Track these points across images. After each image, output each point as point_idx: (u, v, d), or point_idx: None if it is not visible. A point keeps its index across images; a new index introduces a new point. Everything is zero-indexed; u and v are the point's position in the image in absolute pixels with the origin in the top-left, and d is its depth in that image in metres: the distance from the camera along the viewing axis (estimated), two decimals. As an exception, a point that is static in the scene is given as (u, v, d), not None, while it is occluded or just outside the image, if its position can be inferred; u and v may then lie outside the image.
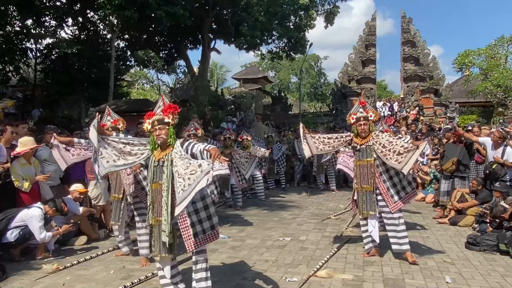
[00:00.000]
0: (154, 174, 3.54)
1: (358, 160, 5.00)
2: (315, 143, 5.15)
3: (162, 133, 3.48)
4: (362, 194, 4.98)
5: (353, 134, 5.09)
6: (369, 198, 4.92)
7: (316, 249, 5.53)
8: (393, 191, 4.85)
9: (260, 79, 32.27)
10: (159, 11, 13.71)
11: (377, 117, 5.18)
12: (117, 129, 4.98)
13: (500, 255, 5.11)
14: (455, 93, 25.18)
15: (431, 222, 7.23)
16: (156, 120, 3.51)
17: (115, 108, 14.22)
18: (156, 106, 3.65)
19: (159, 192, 3.49)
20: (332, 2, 20.65)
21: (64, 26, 17.47)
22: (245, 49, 20.23)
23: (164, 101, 3.62)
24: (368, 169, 4.90)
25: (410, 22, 25.62)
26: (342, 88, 25.39)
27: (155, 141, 3.53)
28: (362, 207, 4.98)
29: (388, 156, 4.65)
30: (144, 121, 3.60)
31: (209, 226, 3.51)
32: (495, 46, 21.90)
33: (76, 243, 5.69)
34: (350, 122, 5.14)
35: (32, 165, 5.50)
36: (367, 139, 4.92)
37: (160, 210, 3.46)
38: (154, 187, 3.55)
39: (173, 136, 3.53)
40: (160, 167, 3.49)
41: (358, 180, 5.01)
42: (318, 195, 10.46)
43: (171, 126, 3.53)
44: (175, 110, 3.55)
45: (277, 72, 48.16)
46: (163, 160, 3.47)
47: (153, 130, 3.52)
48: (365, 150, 4.92)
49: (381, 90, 46.42)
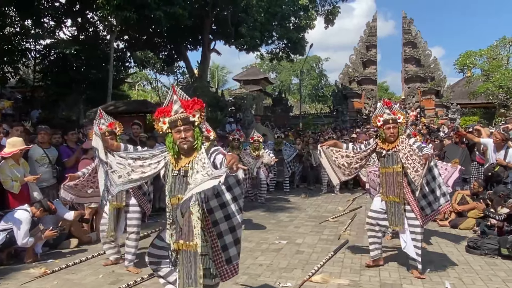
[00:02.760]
0: (174, 186, 2.88)
1: (384, 167, 4.50)
2: (339, 167, 4.65)
3: (189, 135, 2.82)
4: (390, 205, 4.47)
5: (380, 139, 4.57)
6: (397, 210, 4.41)
7: (312, 252, 5.38)
8: (424, 202, 4.38)
9: (261, 81, 32.22)
10: (158, 11, 13.62)
11: (405, 119, 4.64)
12: (114, 133, 4.58)
13: (501, 259, 4.97)
14: (456, 94, 25.04)
15: (431, 224, 7.04)
16: (180, 120, 2.82)
17: (113, 109, 14.15)
18: (167, 100, 2.94)
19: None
20: (332, 3, 20.54)
21: (63, 27, 17.41)
22: (245, 50, 20.15)
23: (177, 94, 2.88)
24: (395, 177, 4.40)
25: (411, 23, 25.53)
26: (343, 89, 25.31)
27: (178, 145, 2.86)
28: (391, 219, 4.46)
29: (409, 170, 4.21)
30: (156, 119, 2.89)
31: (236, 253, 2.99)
32: (497, 47, 21.78)
33: (67, 246, 5.56)
34: (377, 124, 4.54)
35: (21, 166, 5.38)
36: (394, 144, 4.41)
37: (188, 231, 2.79)
38: (173, 202, 2.88)
39: (200, 138, 2.90)
40: (181, 177, 2.86)
41: (384, 190, 4.50)
42: (317, 197, 10.32)
43: (197, 126, 2.89)
44: (200, 106, 2.86)
45: (278, 74, 48.10)
46: (186, 169, 2.84)
47: (175, 131, 2.84)
48: (392, 156, 4.42)
49: (382, 91, 46.26)
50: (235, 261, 3.00)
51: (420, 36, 25.23)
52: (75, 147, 6.87)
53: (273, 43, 20.95)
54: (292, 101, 35.47)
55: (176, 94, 2.89)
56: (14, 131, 6.43)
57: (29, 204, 5.05)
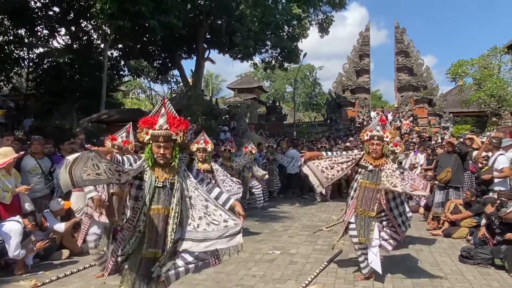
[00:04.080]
0: (156, 196, 2.97)
1: (365, 181, 4.52)
2: (322, 171, 4.65)
3: (167, 152, 2.93)
4: (360, 219, 4.50)
5: (364, 151, 4.63)
6: (367, 225, 4.47)
7: (306, 263, 5.37)
8: (400, 220, 4.59)
9: (255, 89, 32.29)
10: (153, 20, 13.64)
11: (393, 139, 4.74)
12: (122, 150, 4.56)
13: (495, 269, 4.98)
14: (449, 103, 25.24)
15: (424, 233, 7.10)
16: (162, 136, 2.89)
17: (107, 118, 14.11)
18: (154, 110, 3.01)
19: (161, 219, 2.96)
20: (325, 13, 20.73)
21: (56, 36, 17.42)
22: (239, 59, 20.24)
23: (166, 108, 2.97)
24: (374, 193, 4.46)
25: (404, 33, 25.79)
26: (336, 98, 25.43)
27: (155, 158, 2.96)
28: (360, 232, 4.49)
29: (402, 183, 4.40)
30: (140, 128, 2.94)
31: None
32: (488, 56, 21.98)
33: (58, 257, 5.49)
34: (363, 138, 4.62)
35: (13, 176, 5.32)
36: (381, 161, 4.50)
37: (159, 240, 2.96)
38: (153, 212, 2.96)
39: (178, 156, 3.01)
40: (166, 189, 2.97)
41: (360, 203, 4.51)
42: (311, 206, 10.30)
43: (177, 144, 2.98)
44: (185, 127, 2.98)
45: (272, 82, 48.22)
46: (172, 182, 2.97)
47: (155, 145, 2.93)
48: (377, 173, 4.47)
49: (376, 100, 46.53)
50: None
51: (413, 45, 25.50)
52: (68, 157, 6.82)
53: (267, 52, 21.09)
54: (286, 109, 35.57)
55: (165, 108, 2.95)
56: (5, 140, 6.38)
57: (20, 215, 4.99)
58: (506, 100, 19.85)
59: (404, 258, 4.83)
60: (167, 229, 2.95)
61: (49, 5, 16.11)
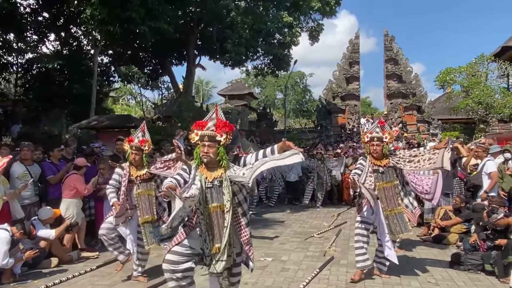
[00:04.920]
0: (211, 196, 3.16)
1: (382, 182, 4.77)
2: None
3: (211, 151, 3.15)
4: (392, 217, 4.74)
5: (366, 153, 4.93)
6: (401, 219, 4.73)
7: (298, 269, 5.36)
8: (407, 200, 4.98)
9: (246, 95, 32.36)
10: (143, 26, 13.57)
11: (392, 139, 5.00)
12: (141, 150, 4.71)
13: (485, 275, 5.01)
14: (437, 110, 25.57)
15: (415, 240, 7.13)
16: (207, 136, 3.16)
17: (97, 124, 13.98)
18: (208, 116, 3.28)
19: (220, 216, 3.15)
20: (315, 20, 20.90)
21: (46, 41, 17.25)
22: (230, 66, 20.27)
23: (217, 114, 3.25)
24: (393, 190, 4.77)
25: (393, 40, 26.10)
26: (326, 104, 25.58)
27: (200, 157, 3.20)
28: (396, 230, 4.72)
29: (420, 165, 4.64)
30: (192, 130, 3.24)
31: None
32: (476, 64, 22.34)
33: (47, 265, 5.40)
34: (364, 140, 4.94)
35: (1, 183, 5.23)
36: (387, 160, 4.79)
37: (220, 235, 3.14)
38: (210, 210, 3.16)
39: (225, 157, 3.18)
40: (217, 187, 3.16)
41: (385, 204, 4.75)
42: (302, 212, 10.30)
43: (222, 145, 3.18)
44: (230, 129, 3.19)
45: (263, 89, 48.36)
46: (220, 180, 3.15)
47: (201, 144, 3.18)
48: (388, 172, 4.78)
49: (365, 106, 46.93)
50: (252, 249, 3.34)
51: (402, 53, 25.81)
52: (59, 164, 6.74)
53: (258, 59, 21.16)
54: (276, 116, 35.64)
55: (217, 114, 3.26)
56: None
57: (9, 223, 4.91)
58: (494, 107, 20.17)
59: (395, 264, 4.84)
60: (224, 224, 3.13)
61: (38, 10, 15.97)
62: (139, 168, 4.77)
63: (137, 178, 4.74)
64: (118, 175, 4.81)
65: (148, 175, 4.78)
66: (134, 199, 4.77)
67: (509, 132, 14.19)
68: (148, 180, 4.79)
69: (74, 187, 6.05)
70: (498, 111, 20.10)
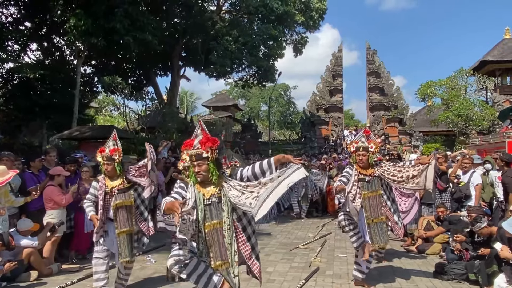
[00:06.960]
0: (209, 213, 3.15)
1: (367, 191, 4.80)
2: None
3: (202, 169, 3.14)
4: (374, 226, 4.77)
5: (353, 162, 4.98)
6: (381, 229, 4.76)
7: (283, 281, 5.32)
8: (396, 217, 4.97)
9: (230, 107, 32.42)
10: (127, 37, 13.52)
11: (378, 149, 5.07)
12: (112, 159, 4.50)
13: (468, 285, 5.06)
14: (418, 122, 26.03)
15: (399, 250, 7.17)
16: (194, 155, 3.15)
17: (79, 134, 13.78)
18: (194, 133, 3.28)
19: (219, 232, 3.14)
20: (299, 33, 21.19)
21: (28, 51, 17.03)
22: (215, 77, 20.32)
23: (202, 129, 3.25)
24: (377, 200, 4.80)
25: (375, 54, 26.60)
26: (310, 116, 25.80)
27: (195, 177, 3.19)
28: (376, 239, 4.74)
29: (404, 183, 4.67)
30: (182, 151, 3.25)
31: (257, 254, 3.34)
32: (455, 78, 22.94)
33: (26, 279, 5.23)
34: (350, 150, 5.00)
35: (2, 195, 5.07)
36: (373, 170, 4.83)
37: (223, 252, 3.13)
38: (211, 228, 3.14)
39: (215, 172, 3.17)
40: (216, 204, 3.15)
41: (369, 213, 4.77)
42: (287, 223, 10.28)
43: (211, 161, 3.16)
44: (213, 143, 3.18)
45: (247, 100, 48.59)
46: (219, 196, 3.16)
47: (192, 165, 3.19)
48: (374, 181, 4.81)
49: (348, 119, 47.52)
50: (259, 259, 3.32)
51: (383, 66, 26.32)
52: (39, 174, 6.59)
53: (244, 71, 21.28)
54: (261, 127, 35.80)
55: (202, 129, 3.23)
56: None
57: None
58: (473, 120, 20.67)
59: (380, 275, 4.86)
60: (225, 241, 3.14)
61: (21, 20, 15.80)
62: (114, 179, 4.56)
63: (112, 189, 4.52)
64: (94, 188, 4.59)
65: (125, 184, 4.57)
66: (110, 211, 4.53)
67: (489, 144, 14.50)
68: (125, 190, 4.56)
69: (51, 199, 5.90)
70: (478, 123, 20.61)
